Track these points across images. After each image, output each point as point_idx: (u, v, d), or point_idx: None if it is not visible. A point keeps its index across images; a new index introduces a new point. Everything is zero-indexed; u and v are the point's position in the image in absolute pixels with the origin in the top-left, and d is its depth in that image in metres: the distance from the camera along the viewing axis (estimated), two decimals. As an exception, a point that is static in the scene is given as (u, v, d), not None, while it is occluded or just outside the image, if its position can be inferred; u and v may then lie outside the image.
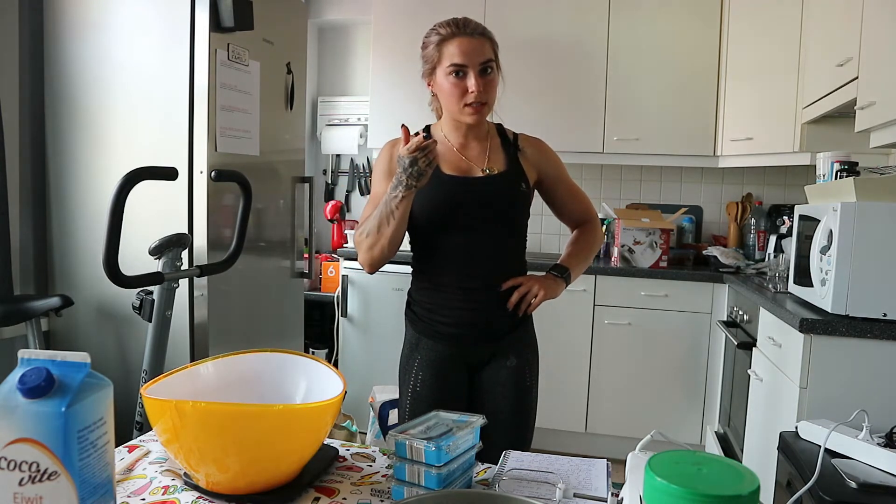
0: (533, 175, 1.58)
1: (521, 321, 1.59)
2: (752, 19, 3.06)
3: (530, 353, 1.61)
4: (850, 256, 1.77)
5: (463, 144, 1.55)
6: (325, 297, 3.62)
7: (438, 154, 1.45)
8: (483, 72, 1.43)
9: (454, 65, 1.42)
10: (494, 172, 1.52)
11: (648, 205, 3.64)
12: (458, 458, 0.89)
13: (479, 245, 1.50)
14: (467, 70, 1.42)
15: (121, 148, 2.39)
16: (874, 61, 1.98)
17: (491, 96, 1.46)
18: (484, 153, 1.55)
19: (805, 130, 2.76)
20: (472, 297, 1.51)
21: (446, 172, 1.51)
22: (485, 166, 1.52)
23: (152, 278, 1.83)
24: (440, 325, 1.53)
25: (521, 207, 1.55)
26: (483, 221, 1.49)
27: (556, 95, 3.39)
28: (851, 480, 1.31)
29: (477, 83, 1.42)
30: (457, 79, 1.43)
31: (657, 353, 3.10)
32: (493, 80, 1.47)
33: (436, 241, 1.51)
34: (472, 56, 1.42)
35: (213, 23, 2.27)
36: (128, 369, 2.41)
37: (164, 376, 0.90)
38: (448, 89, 1.45)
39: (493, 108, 1.53)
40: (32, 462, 0.65)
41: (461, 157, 1.53)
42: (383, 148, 1.58)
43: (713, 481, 0.60)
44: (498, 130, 1.60)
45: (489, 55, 1.44)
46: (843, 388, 1.78)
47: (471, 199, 1.49)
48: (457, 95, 1.44)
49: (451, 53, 1.42)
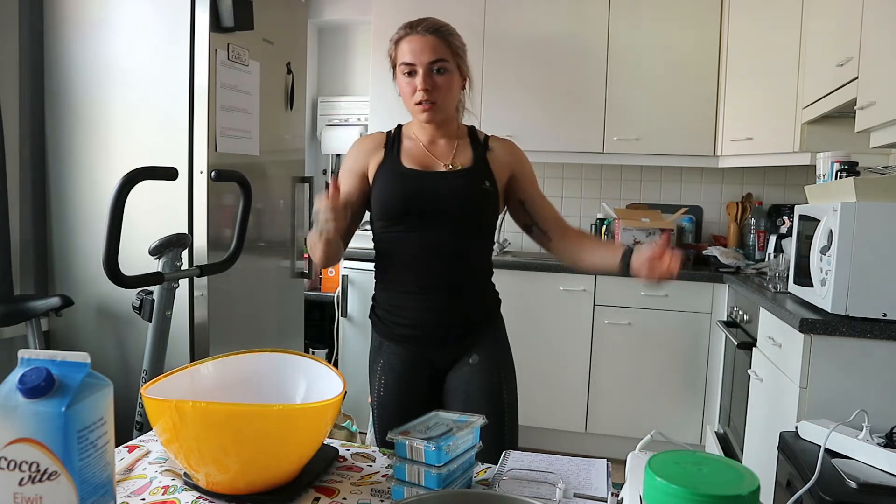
0: (502, 175, 1.53)
1: (486, 318, 1.55)
2: (752, 19, 3.06)
3: (497, 349, 1.55)
4: (850, 256, 1.77)
5: (430, 141, 1.52)
6: (325, 297, 3.62)
7: (404, 148, 1.50)
8: (432, 71, 1.42)
9: (404, 63, 1.43)
10: (458, 168, 1.48)
11: (648, 205, 3.64)
12: (458, 458, 0.89)
13: (437, 243, 1.45)
14: (416, 69, 1.42)
15: (121, 148, 2.39)
16: (874, 61, 1.98)
17: (441, 96, 1.43)
18: (451, 151, 1.51)
19: (805, 130, 2.76)
20: (431, 298, 1.47)
21: (406, 166, 1.48)
22: (449, 162, 1.49)
23: (152, 278, 1.83)
24: (400, 328, 1.50)
25: (485, 204, 1.48)
26: (442, 218, 1.44)
27: (556, 95, 3.39)
28: (851, 480, 1.31)
29: (424, 82, 1.41)
30: (408, 78, 1.43)
31: (657, 353, 3.10)
32: (447, 81, 1.44)
33: (394, 238, 1.48)
34: (420, 55, 1.41)
35: (213, 23, 2.27)
36: (128, 369, 2.41)
37: (164, 376, 0.90)
38: (401, 88, 1.47)
39: (457, 108, 1.52)
40: (32, 462, 0.65)
41: (426, 152, 1.50)
42: (352, 145, 1.57)
43: (713, 481, 0.60)
44: (469, 132, 1.57)
45: (440, 55, 1.42)
46: (843, 388, 1.77)
47: (429, 194, 1.44)
48: (407, 94, 1.45)
49: (402, 52, 1.44)
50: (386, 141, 1.53)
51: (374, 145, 1.53)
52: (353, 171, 1.52)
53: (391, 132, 1.56)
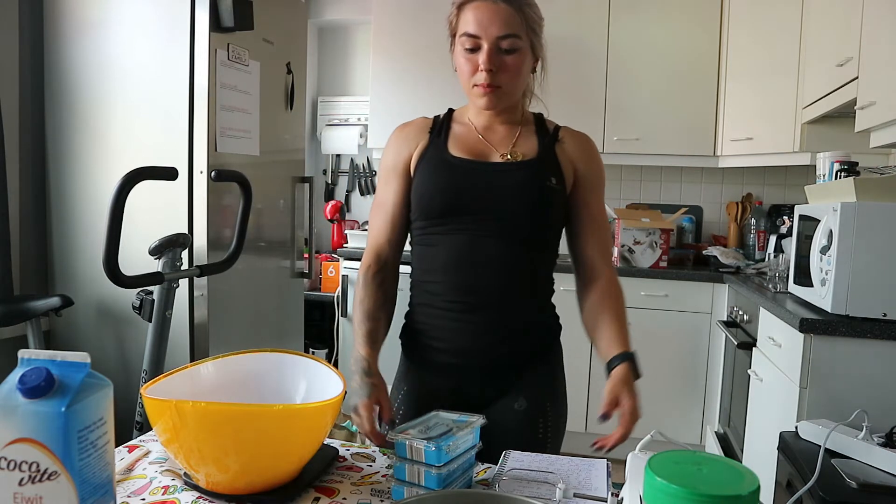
0: (570, 173, 1.26)
1: (543, 353, 1.29)
2: (752, 19, 3.06)
3: (549, 396, 1.27)
4: (850, 256, 1.77)
5: (487, 127, 1.28)
6: (325, 297, 3.62)
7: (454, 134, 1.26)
8: (500, 48, 1.16)
9: (467, 35, 1.17)
10: (518, 158, 1.23)
11: (648, 205, 3.64)
12: (458, 458, 0.89)
13: (488, 250, 1.19)
14: (481, 43, 1.16)
15: (121, 148, 2.39)
16: (874, 61, 1.98)
17: (508, 79, 1.18)
18: (510, 138, 1.26)
19: (805, 130, 2.76)
20: (476, 319, 1.20)
21: (454, 153, 1.23)
22: (507, 151, 1.24)
23: (152, 278, 1.83)
24: (435, 353, 1.24)
25: (550, 206, 1.22)
26: (495, 219, 1.19)
27: (556, 95, 3.36)
28: (851, 480, 1.31)
29: (489, 60, 1.15)
30: (469, 53, 1.18)
31: (657, 353, 3.10)
32: (516, 61, 1.18)
33: (434, 241, 1.23)
34: (488, 27, 1.15)
35: (213, 23, 2.27)
36: (128, 369, 2.41)
37: (164, 376, 0.90)
38: (459, 64, 1.21)
39: (525, 95, 1.29)
40: (32, 462, 0.65)
41: (480, 138, 1.26)
42: (390, 137, 1.32)
43: (713, 481, 0.60)
44: (536, 119, 1.32)
45: (513, 29, 1.15)
46: (843, 388, 1.77)
47: (480, 188, 1.19)
48: (466, 72, 1.20)
49: (465, 20, 1.17)
50: (432, 126, 1.29)
51: (416, 131, 1.28)
52: (396, 170, 1.27)
53: (439, 116, 1.32)
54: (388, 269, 1.28)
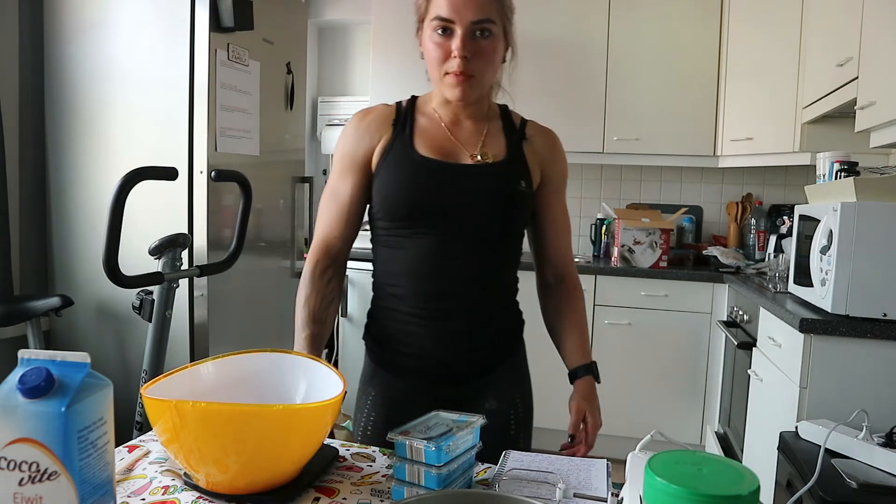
0: (537, 173, 1.23)
1: (508, 353, 1.28)
2: (752, 19, 3.06)
3: (518, 392, 1.31)
4: (850, 256, 1.77)
5: (454, 122, 1.21)
6: (325, 297, 3.61)
7: (419, 127, 1.20)
8: (474, 33, 1.10)
9: (439, 18, 1.10)
10: (488, 160, 1.18)
11: (648, 205, 3.64)
12: (458, 458, 0.89)
13: (455, 254, 1.15)
14: (454, 28, 1.09)
15: (121, 148, 2.39)
16: (874, 61, 1.98)
17: (481, 67, 1.12)
18: (478, 136, 1.20)
19: (805, 130, 2.76)
20: (443, 323, 1.18)
21: (421, 152, 1.17)
22: (477, 152, 1.18)
23: (152, 278, 1.83)
24: (401, 357, 1.21)
25: (518, 210, 1.20)
26: (463, 223, 1.15)
27: (556, 95, 3.39)
28: (851, 480, 1.31)
29: (463, 46, 1.09)
30: (441, 37, 1.11)
31: (657, 353, 3.10)
32: (491, 47, 1.12)
33: (399, 244, 1.18)
34: (463, 10, 1.08)
35: (213, 23, 2.28)
36: (128, 369, 2.41)
37: (164, 376, 0.90)
38: (429, 49, 1.13)
39: (493, 86, 1.22)
40: (32, 462, 0.65)
41: (448, 135, 1.20)
42: (349, 123, 1.25)
43: (713, 481, 0.60)
44: (502, 113, 1.27)
45: (488, 13, 1.10)
46: (843, 388, 1.77)
47: (449, 192, 1.14)
48: (437, 59, 1.12)
49: (438, 4, 1.10)
50: (396, 116, 1.22)
51: (379, 122, 1.21)
52: (354, 162, 1.20)
53: (402, 105, 1.25)
54: (337, 266, 1.24)
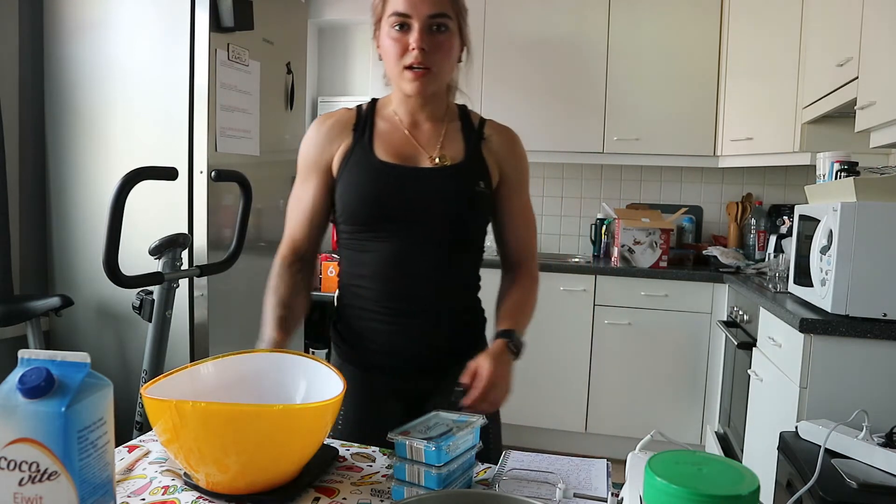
0: (496, 173, 1.26)
1: (473, 345, 1.28)
2: (752, 19, 3.06)
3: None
4: (850, 256, 1.77)
5: (413, 124, 1.24)
6: (325, 297, 3.61)
7: (379, 131, 1.22)
8: (431, 28, 1.14)
9: (396, 14, 1.13)
10: (447, 163, 1.20)
11: (648, 205, 3.64)
12: (458, 458, 0.89)
13: (417, 257, 1.19)
14: (411, 22, 1.13)
15: (121, 148, 2.39)
16: (874, 61, 1.98)
17: (439, 61, 1.15)
18: (437, 137, 1.23)
19: (805, 130, 2.76)
20: (407, 323, 1.21)
21: (381, 157, 1.19)
22: (436, 154, 1.21)
23: (152, 278, 1.83)
24: (366, 351, 1.25)
25: (478, 211, 1.23)
26: (424, 226, 1.18)
27: (556, 95, 3.39)
28: (851, 480, 1.31)
29: (420, 39, 1.12)
30: (398, 33, 1.14)
31: (657, 353, 3.10)
32: (446, 43, 1.15)
33: (362, 248, 1.21)
34: (419, 5, 1.12)
35: (213, 23, 2.28)
36: (128, 369, 2.41)
37: (164, 376, 0.90)
38: (387, 46, 1.16)
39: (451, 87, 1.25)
40: (32, 462, 0.65)
41: (407, 137, 1.22)
42: (310, 129, 1.26)
43: (713, 481, 0.60)
44: (461, 113, 1.28)
45: (443, 8, 1.14)
46: (843, 388, 1.77)
47: (410, 196, 1.18)
48: (394, 55, 1.15)
49: (394, 1, 1.14)
50: (356, 121, 1.24)
51: (339, 128, 1.24)
52: (317, 168, 1.23)
53: (362, 108, 1.26)
54: (305, 262, 1.29)
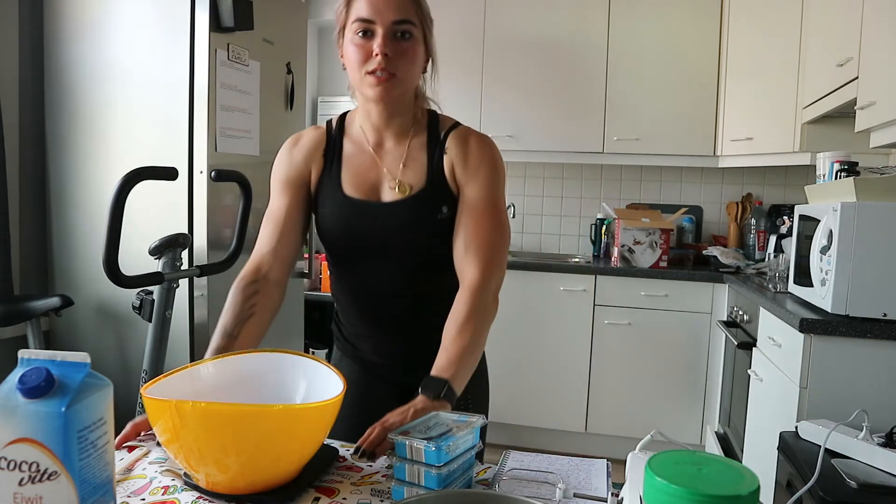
0: (456, 189, 1.22)
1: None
2: (752, 19, 3.06)
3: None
4: (850, 256, 1.77)
5: (378, 141, 1.23)
6: (325, 297, 3.62)
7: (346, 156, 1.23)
8: (395, 34, 1.12)
9: (360, 20, 1.12)
10: (406, 194, 1.20)
11: (648, 205, 3.64)
12: (458, 458, 0.89)
13: (385, 278, 1.24)
14: (375, 28, 1.12)
15: (121, 148, 2.39)
16: (874, 61, 1.98)
17: (403, 67, 1.14)
18: (400, 157, 1.22)
19: (805, 130, 2.76)
20: (382, 332, 1.29)
21: (347, 193, 1.22)
22: (396, 182, 1.20)
23: (152, 278, 1.83)
24: (362, 351, 1.34)
25: (442, 236, 1.21)
26: (390, 254, 1.22)
27: (556, 95, 3.39)
28: (851, 480, 1.31)
29: (384, 44, 1.11)
30: (362, 39, 1.13)
31: (657, 353, 3.10)
32: (410, 50, 1.14)
33: (338, 266, 1.29)
34: (383, 11, 1.11)
35: (213, 23, 2.27)
36: (128, 369, 2.41)
37: (164, 376, 0.90)
38: (350, 52, 1.14)
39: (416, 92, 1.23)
40: (32, 462, 0.65)
41: (373, 160, 1.23)
42: (282, 151, 1.30)
43: (713, 481, 0.60)
44: (430, 122, 1.25)
45: (407, 15, 1.13)
46: (843, 388, 1.78)
47: (375, 229, 1.21)
48: (357, 61, 1.13)
49: (358, 7, 1.13)
50: (326, 144, 1.26)
51: (309, 149, 1.26)
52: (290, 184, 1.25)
53: (332, 127, 1.27)
54: (266, 284, 1.22)
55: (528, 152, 3.46)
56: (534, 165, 3.78)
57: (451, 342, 1.10)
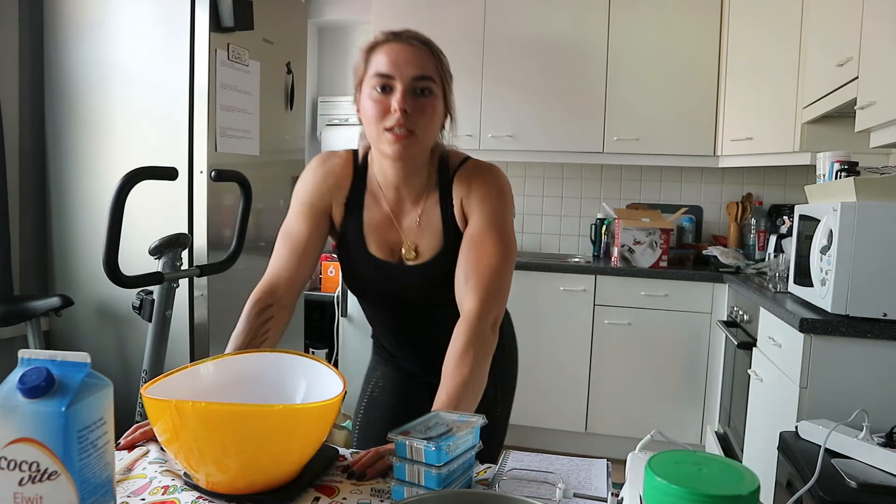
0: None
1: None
2: (752, 19, 3.06)
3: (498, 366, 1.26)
4: (850, 256, 1.77)
5: (396, 200, 1.24)
6: (325, 297, 3.62)
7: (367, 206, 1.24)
8: (415, 90, 1.11)
9: (379, 75, 1.11)
10: (426, 259, 1.23)
11: (648, 205, 3.64)
12: (458, 458, 0.89)
13: (413, 322, 1.33)
14: (394, 84, 1.10)
15: (121, 148, 2.39)
16: (874, 61, 1.98)
17: (422, 125, 1.12)
18: (417, 212, 1.23)
19: (805, 130, 2.76)
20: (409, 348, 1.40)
21: (371, 251, 1.25)
22: (412, 248, 1.23)
23: (152, 278, 1.83)
24: (398, 361, 1.46)
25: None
26: (416, 302, 1.29)
27: (556, 95, 3.39)
28: (851, 480, 1.31)
29: (402, 99, 1.09)
30: (380, 94, 1.11)
31: (657, 353, 3.10)
32: (429, 107, 1.12)
33: (371, 305, 1.37)
34: (404, 66, 1.10)
35: (213, 23, 2.28)
36: (128, 369, 2.41)
37: (164, 376, 0.90)
38: (367, 108, 1.13)
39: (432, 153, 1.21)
40: (32, 462, 0.65)
41: (392, 223, 1.24)
42: (312, 168, 1.27)
43: (713, 481, 0.60)
44: (440, 172, 1.23)
45: (427, 71, 1.12)
46: (843, 388, 1.77)
47: (395, 285, 1.26)
48: (375, 117, 1.11)
49: (377, 61, 1.12)
50: (351, 186, 1.25)
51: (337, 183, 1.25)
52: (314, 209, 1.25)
53: (357, 164, 1.26)
54: (280, 308, 1.22)
55: (528, 152, 3.46)
56: (534, 165, 3.78)
57: (450, 376, 1.07)
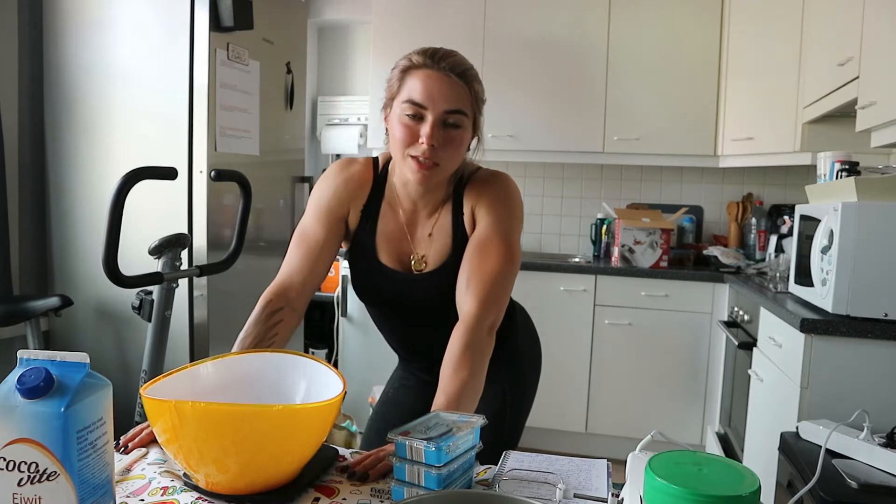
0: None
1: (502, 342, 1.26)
2: (752, 19, 3.06)
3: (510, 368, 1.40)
4: (851, 256, 1.77)
5: (412, 211, 1.26)
6: (325, 297, 3.62)
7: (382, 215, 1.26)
8: (445, 123, 1.12)
9: (411, 102, 1.11)
10: (434, 267, 1.25)
11: (648, 205, 3.64)
12: (458, 458, 0.89)
13: (414, 323, 1.35)
14: (425, 114, 1.11)
15: (120, 148, 2.39)
16: (875, 61, 1.98)
17: (447, 157, 1.14)
18: (430, 226, 1.26)
19: (806, 130, 2.76)
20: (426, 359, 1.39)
21: (380, 260, 1.27)
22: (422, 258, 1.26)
23: (152, 278, 1.83)
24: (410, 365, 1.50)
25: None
26: (419, 311, 1.31)
27: (556, 95, 3.39)
28: (852, 481, 1.31)
29: (431, 134, 1.10)
30: (411, 121, 1.12)
31: (657, 353, 3.10)
32: (458, 138, 1.14)
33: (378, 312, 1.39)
34: (437, 98, 1.11)
35: (213, 22, 2.27)
36: (128, 369, 2.41)
37: (163, 376, 0.90)
38: (396, 129, 1.14)
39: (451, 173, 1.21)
40: (32, 462, 0.65)
41: (404, 234, 1.26)
42: (333, 173, 1.29)
43: (714, 482, 0.60)
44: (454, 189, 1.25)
45: (461, 105, 1.13)
46: (844, 388, 1.77)
47: (404, 294, 1.28)
48: (403, 140, 1.13)
49: (412, 87, 1.12)
50: (370, 194, 1.27)
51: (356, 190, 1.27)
52: (331, 214, 1.26)
53: (377, 172, 1.28)
54: (290, 311, 1.23)
55: (528, 152, 3.46)
56: (534, 165, 3.78)
57: (448, 381, 1.07)
